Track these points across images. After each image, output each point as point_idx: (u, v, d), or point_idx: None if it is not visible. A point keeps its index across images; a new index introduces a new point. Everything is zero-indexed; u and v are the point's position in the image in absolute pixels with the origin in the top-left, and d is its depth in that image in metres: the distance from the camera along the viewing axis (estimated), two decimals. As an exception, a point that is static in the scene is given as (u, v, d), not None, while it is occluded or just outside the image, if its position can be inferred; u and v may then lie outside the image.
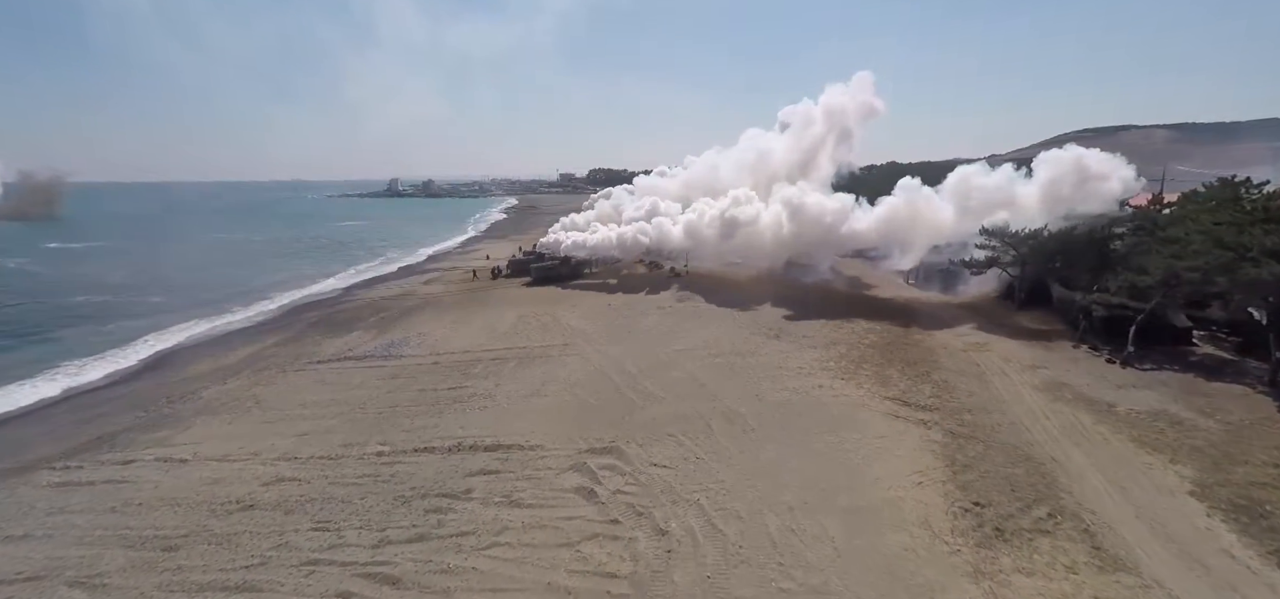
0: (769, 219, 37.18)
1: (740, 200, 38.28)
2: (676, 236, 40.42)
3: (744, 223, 37.25)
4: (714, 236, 38.48)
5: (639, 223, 41.88)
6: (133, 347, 30.20)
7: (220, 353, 28.46)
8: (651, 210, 43.40)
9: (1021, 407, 16.73)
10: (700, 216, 39.69)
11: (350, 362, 24.98)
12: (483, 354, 24.61)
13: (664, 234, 40.70)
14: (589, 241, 43.18)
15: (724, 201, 39.11)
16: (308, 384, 22.31)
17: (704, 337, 24.92)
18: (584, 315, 30.16)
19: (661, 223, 41.40)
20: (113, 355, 28.70)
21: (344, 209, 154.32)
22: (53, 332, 32.66)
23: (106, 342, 30.83)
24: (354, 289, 45.10)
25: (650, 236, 40.99)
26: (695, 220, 39.88)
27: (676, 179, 53.87)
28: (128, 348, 29.87)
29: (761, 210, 37.74)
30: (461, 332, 28.65)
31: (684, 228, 40.20)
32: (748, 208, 37.81)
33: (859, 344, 23.03)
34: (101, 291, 43.74)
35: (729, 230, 37.55)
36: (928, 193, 32.66)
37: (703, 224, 39.27)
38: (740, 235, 37.54)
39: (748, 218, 37.37)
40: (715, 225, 38.42)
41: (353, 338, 29.40)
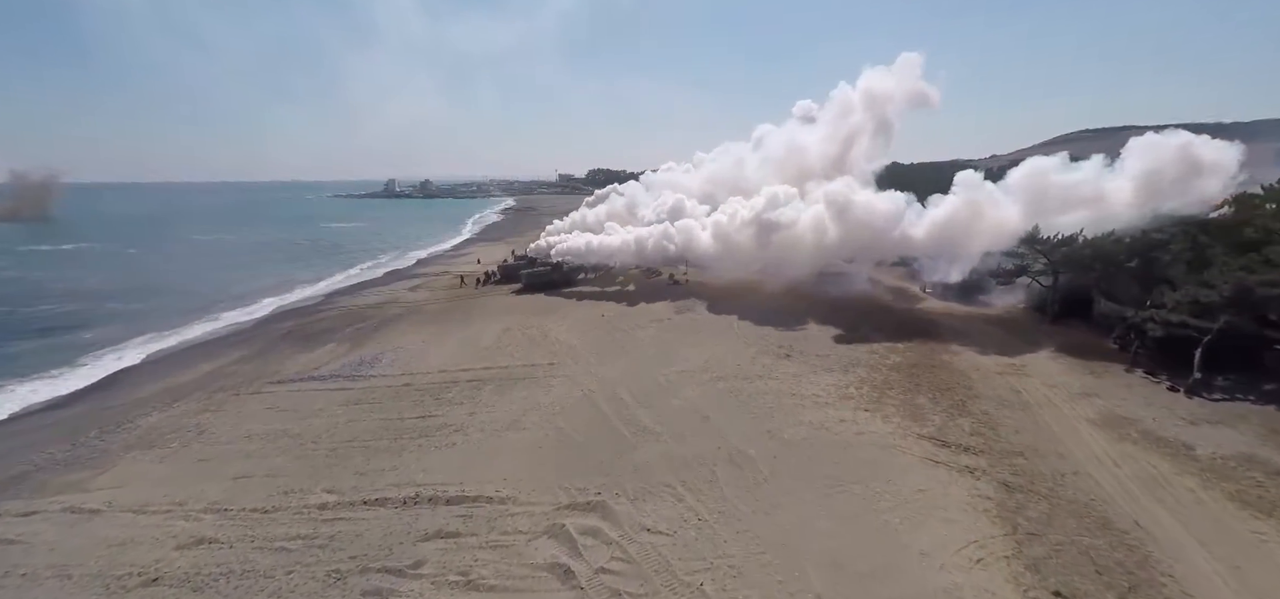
0: (809, 221, 32.00)
1: (779, 199, 33.08)
2: (705, 242, 35.35)
3: (784, 226, 32.13)
4: (747, 242, 33.55)
5: (662, 226, 37.13)
6: (90, 362, 27.74)
7: (178, 369, 26.00)
8: (676, 211, 38.37)
9: (1082, 448, 14.18)
10: (731, 219, 34.62)
11: (314, 382, 22.51)
12: (460, 375, 22.11)
13: (691, 239, 35.59)
14: (602, 246, 38.73)
15: (758, 201, 33.85)
16: (261, 411, 19.82)
17: (706, 355, 22.39)
18: (574, 328, 27.65)
19: (689, 227, 36.07)
20: (64, 374, 26.21)
21: (339, 210, 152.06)
22: (6, 345, 30.22)
23: (62, 357, 28.37)
24: (336, 296, 42.64)
25: (676, 243, 35.92)
26: (725, 223, 34.78)
27: (697, 175, 48.36)
28: (83, 364, 27.38)
29: (802, 211, 32.72)
30: (440, 347, 26.17)
31: (712, 231, 35.20)
32: (788, 209, 32.68)
33: (881, 365, 20.48)
34: (72, 299, 41.35)
35: (765, 234, 32.47)
36: (990, 190, 27.96)
37: (734, 228, 34.22)
38: (776, 240, 32.57)
39: (788, 220, 32.25)
40: (749, 229, 33.40)
41: (323, 353, 26.94)
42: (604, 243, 39.31)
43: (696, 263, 36.77)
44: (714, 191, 41.91)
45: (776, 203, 33.12)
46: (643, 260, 37.69)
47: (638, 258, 37.61)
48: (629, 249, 38.07)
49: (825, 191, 32.56)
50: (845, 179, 33.56)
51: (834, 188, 32.47)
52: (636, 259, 37.71)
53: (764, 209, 33.10)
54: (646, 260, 37.65)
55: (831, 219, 31.65)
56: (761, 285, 33.10)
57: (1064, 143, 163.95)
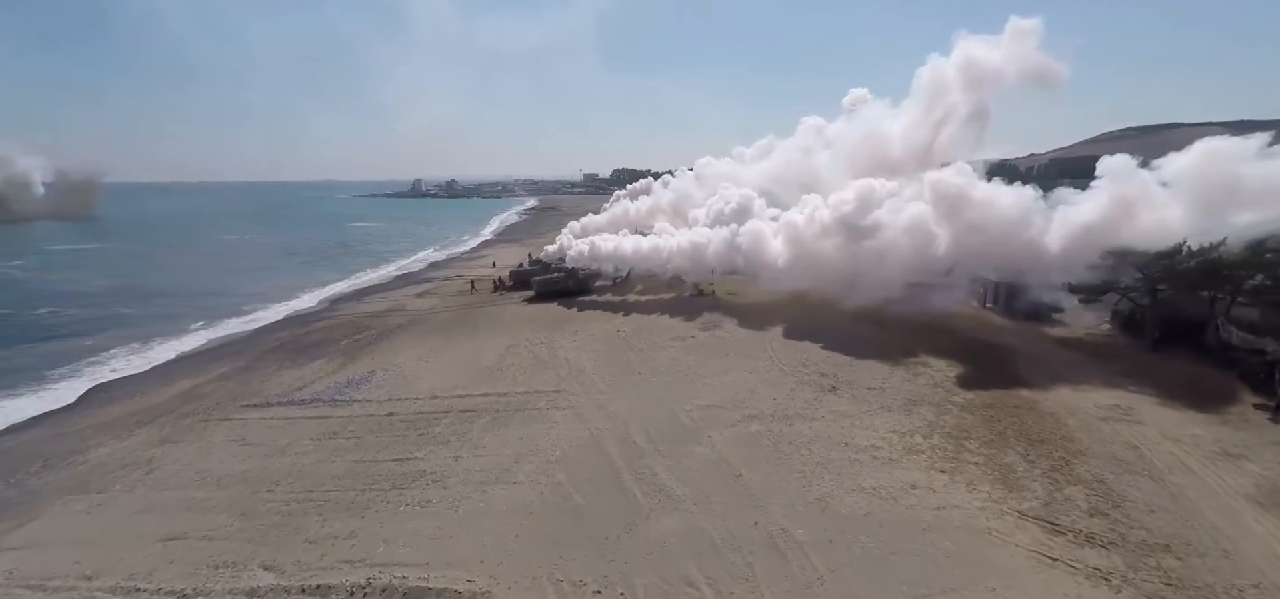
0: (907, 223, 26.25)
1: (874, 196, 27.30)
2: (777, 249, 29.97)
3: (881, 229, 26.56)
4: (829, 250, 28.01)
5: (728, 230, 31.42)
6: (69, 375, 25.79)
7: (155, 386, 23.82)
8: (742, 211, 32.63)
9: (1253, 544, 10.52)
10: (809, 220, 29.14)
11: (291, 408, 19.99)
12: (453, 402, 19.30)
13: (761, 245, 30.22)
14: (653, 250, 33.60)
15: (844, 198, 27.92)
16: (224, 444, 17.31)
17: (737, 384, 19.13)
18: (587, 345, 24.65)
19: (759, 231, 30.64)
20: (37, 391, 24.21)
21: (365, 210, 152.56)
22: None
23: (43, 368, 26.57)
24: (341, 302, 40.54)
25: (745, 250, 30.33)
26: (801, 226, 29.28)
27: (755, 169, 41.89)
28: (61, 380, 25.31)
29: (901, 211, 26.93)
30: (437, 365, 23.46)
31: (786, 236, 29.83)
32: (887, 208, 26.87)
33: (949, 403, 16.94)
34: (75, 303, 40.10)
35: (856, 238, 27.01)
36: (1144, 181, 22.21)
37: (812, 232, 28.72)
38: (865, 249, 26.95)
39: (885, 221, 26.52)
40: (832, 234, 27.86)
41: (312, 370, 24.52)
42: (654, 247, 33.98)
43: (748, 273, 31.31)
44: (771, 189, 36.44)
45: (870, 202, 27.27)
46: (698, 268, 32.54)
47: (692, 265, 32.55)
48: (682, 255, 32.83)
49: (931, 182, 26.28)
50: (958, 166, 26.86)
51: (943, 177, 26.10)
52: (691, 266, 32.71)
53: (854, 209, 27.31)
54: (701, 269, 32.49)
55: (939, 220, 25.57)
56: (805, 297, 29.12)
57: (1109, 141, 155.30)
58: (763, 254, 30.24)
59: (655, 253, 34.04)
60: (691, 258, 32.68)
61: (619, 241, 36.07)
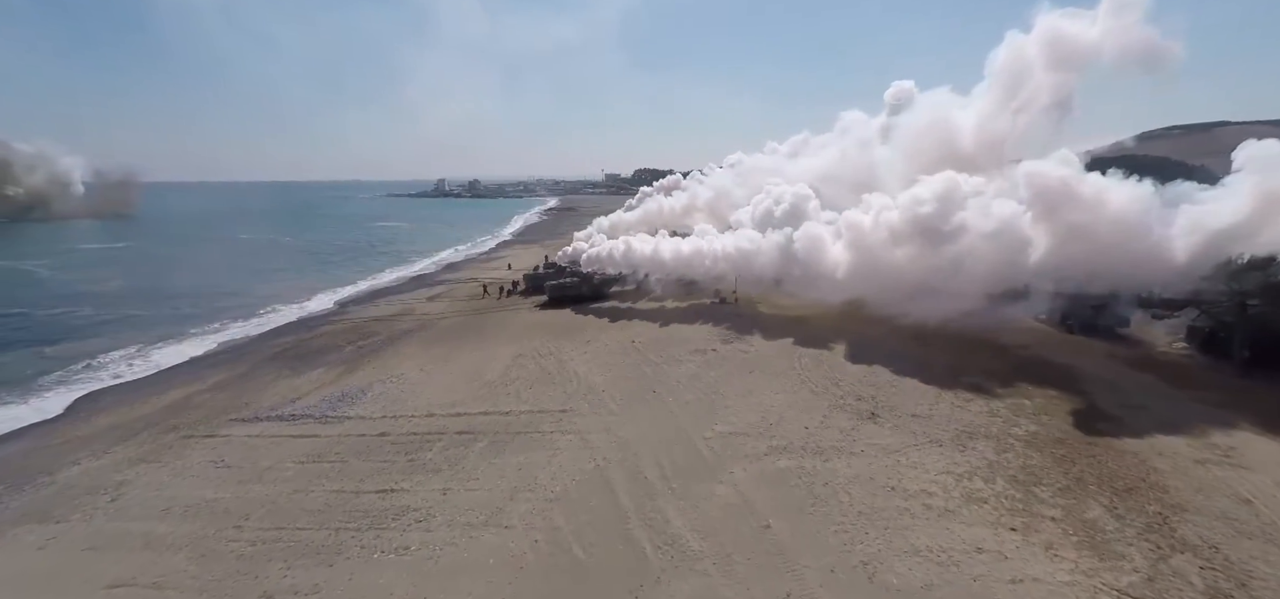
0: (996, 225, 22.56)
1: (957, 192, 23.48)
2: (837, 256, 26.34)
3: (965, 230, 22.89)
4: (904, 258, 24.35)
5: (781, 234, 27.80)
6: (65, 381, 24.95)
7: (145, 396, 22.75)
8: (796, 210, 29.28)
9: None
10: (875, 223, 25.47)
11: (280, 424, 18.61)
12: (450, 422, 17.68)
13: (819, 251, 26.74)
14: (693, 253, 30.45)
15: (918, 197, 24.15)
16: (201, 465, 15.94)
17: (762, 408, 17.11)
18: (598, 357, 22.85)
19: (816, 235, 27.08)
20: (37, 397, 23.30)
21: (388, 209, 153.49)
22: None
23: (43, 371, 25.87)
24: (350, 305, 39.49)
25: (801, 256, 26.84)
26: (866, 228, 25.65)
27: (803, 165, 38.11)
28: (52, 387, 24.39)
29: (989, 207, 23.27)
30: (438, 378, 21.92)
31: (847, 240, 26.23)
32: (966, 205, 23.11)
33: (1011, 437, 14.67)
34: (89, 304, 39.78)
35: (933, 243, 23.41)
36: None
37: (880, 236, 25.07)
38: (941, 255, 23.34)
39: (968, 222, 22.80)
40: (907, 237, 24.31)
41: (308, 380, 23.24)
42: (696, 251, 30.59)
43: (836, 283, 26.54)
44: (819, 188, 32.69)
45: (952, 201, 23.40)
46: (745, 276, 29.36)
47: (739, 272, 29.44)
48: (727, 261, 29.47)
49: (1028, 174, 22.53)
50: (1061, 154, 23.22)
51: (1041, 168, 22.36)
52: (737, 274, 29.61)
53: (934, 210, 23.45)
54: (749, 277, 29.19)
55: (1036, 220, 21.87)
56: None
57: (1152, 139, 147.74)
58: (819, 261, 26.67)
59: (697, 257, 30.69)
60: (738, 264, 29.40)
61: (656, 244, 32.68)
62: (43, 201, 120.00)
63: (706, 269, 30.40)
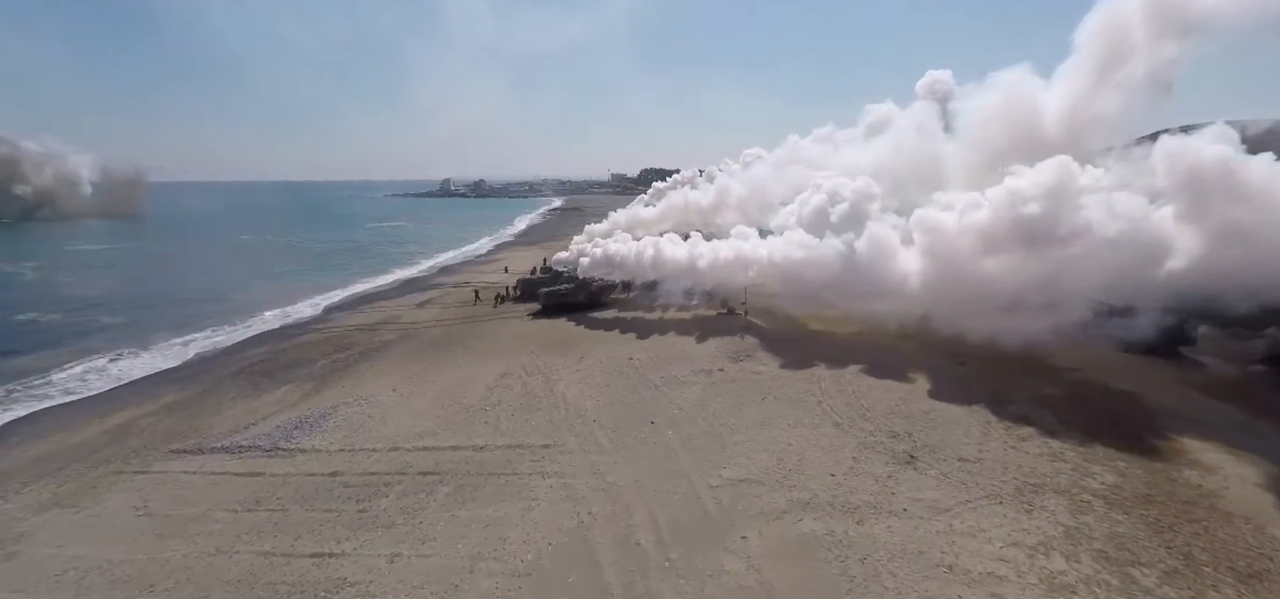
0: (1124, 224, 18.63)
1: (1071, 183, 19.35)
2: (908, 265, 22.51)
3: (1082, 232, 18.94)
4: (996, 268, 20.40)
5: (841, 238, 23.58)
6: (7, 400, 22.76)
7: (90, 417, 20.47)
8: (857, 210, 24.86)
9: None
10: (960, 224, 21.40)
11: (226, 456, 16.30)
12: (415, 457, 15.28)
13: (888, 257, 22.75)
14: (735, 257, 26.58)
15: (1017, 191, 20.22)
16: (119, 512, 13.63)
17: (779, 445, 14.57)
18: (591, 377, 20.37)
19: (884, 240, 22.97)
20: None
21: (391, 209, 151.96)
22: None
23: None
24: (336, 311, 37.21)
25: (865, 264, 22.71)
26: (950, 230, 21.62)
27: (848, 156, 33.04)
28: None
29: (1113, 203, 19.22)
30: (412, 400, 19.53)
31: (926, 245, 22.23)
32: (1079, 200, 19.26)
33: (1083, 491, 12.04)
34: (65, 309, 37.71)
35: (1038, 248, 19.55)
36: None
37: (967, 241, 21.11)
38: (1046, 261, 19.43)
39: (1086, 222, 18.90)
40: (1004, 240, 20.33)
41: (271, 399, 20.95)
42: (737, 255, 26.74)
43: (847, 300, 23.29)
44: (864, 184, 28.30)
45: (1067, 195, 19.12)
46: (796, 286, 24.79)
47: (788, 285, 25.29)
48: (774, 272, 25.36)
49: (1171, 155, 18.54)
50: (1216, 129, 18.90)
51: (1189, 148, 18.23)
52: (786, 287, 25.54)
53: (1045, 208, 19.33)
54: (800, 289, 24.66)
55: (1182, 218, 18.02)
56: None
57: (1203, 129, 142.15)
58: (887, 271, 22.63)
59: (739, 264, 26.54)
60: (788, 274, 25.04)
61: (692, 248, 28.50)
62: (51, 200, 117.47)
63: (748, 280, 26.51)
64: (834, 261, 23.53)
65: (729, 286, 27.43)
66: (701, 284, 27.85)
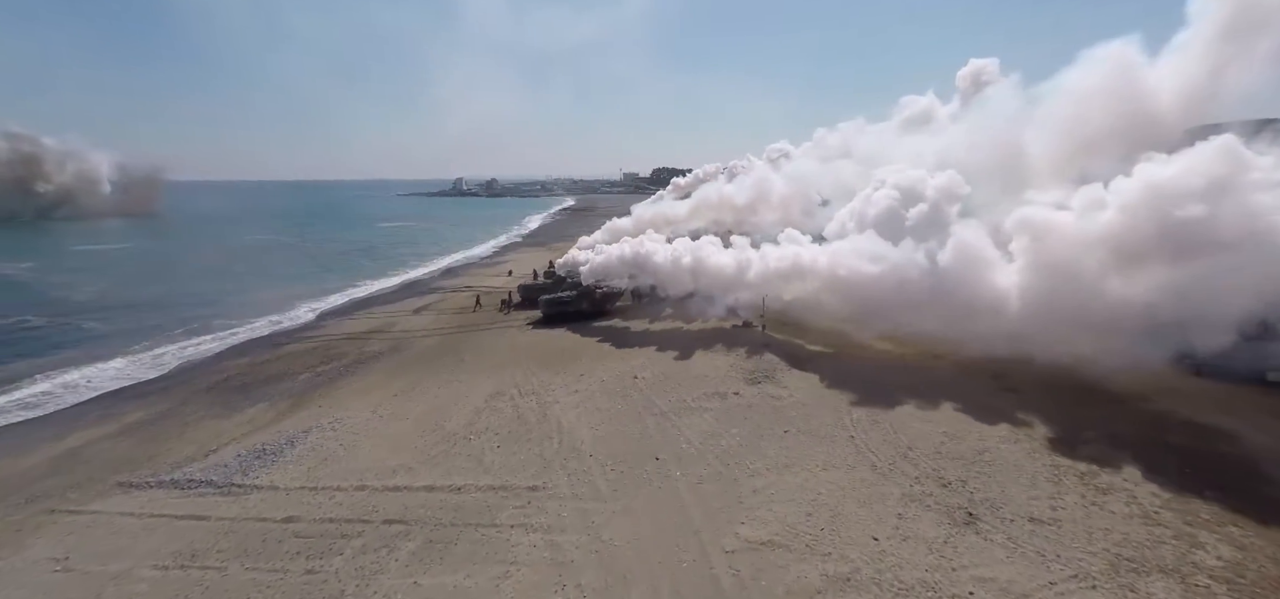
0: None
1: (1242, 172, 15.78)
2: (1005, 280, 18.93)
3: (1251, 234, 15.26)
4: (1128, 283, 16.95)
5: (922, 247, 20.33)
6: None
7: (42, 439, 18.64)
8: (938, 212, 21.60)
9: None
10: (1080, 229, 17.87)
11: (173, 493, 14.39)
12: (382, 500, 13.21)
13: (981, 270, 19.22)
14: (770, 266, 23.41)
15: (1166, 184, 16.42)
16: (36, 567, 11.74)
17: (806, 495, 12.26)
18: (590, 400, 18.18)
19: (975, 250, 19.41)
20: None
21: (401, 208, 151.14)
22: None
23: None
24: (330, 316, 35.45)
25: (951, 279, 19.17)
26: (1069, 234, 17.97)
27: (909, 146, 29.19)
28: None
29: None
30: (392, 424, 17.53)
31: (1033, 257, 18.42)
32: (1249, 195, 15.63)
33: (1194, 570, 9.63)
34: (50, 312, 36.24)
35: (1181, 253, 15.85)
36: None
37: (1100, 253, 17.38)
38: (1195, 273, 15.76)
39: (1265, 223, 15.21)
40: (1139, 250, 16.64)
41: (239, 421, 19.07)
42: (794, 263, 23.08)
43: (922, 321, 19.64)
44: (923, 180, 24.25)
45: (1233, 189, 15.49)
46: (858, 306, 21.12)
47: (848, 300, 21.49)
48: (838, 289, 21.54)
49: None
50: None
51: None
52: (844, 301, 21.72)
53: (1196, 200, 15.64)
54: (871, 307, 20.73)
55: None
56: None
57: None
58: (980, 287, 18.82)
59: (794, 272, 22.77)
60: (854, 291, 20.99)
61: (741, 256, 24.59)
62: (70, 198, 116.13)
63: (802, 294, 22.77)
64: (914, 276, 19.44)
65: (806, 303, 23.45)
66: (743, 296, 24.47)
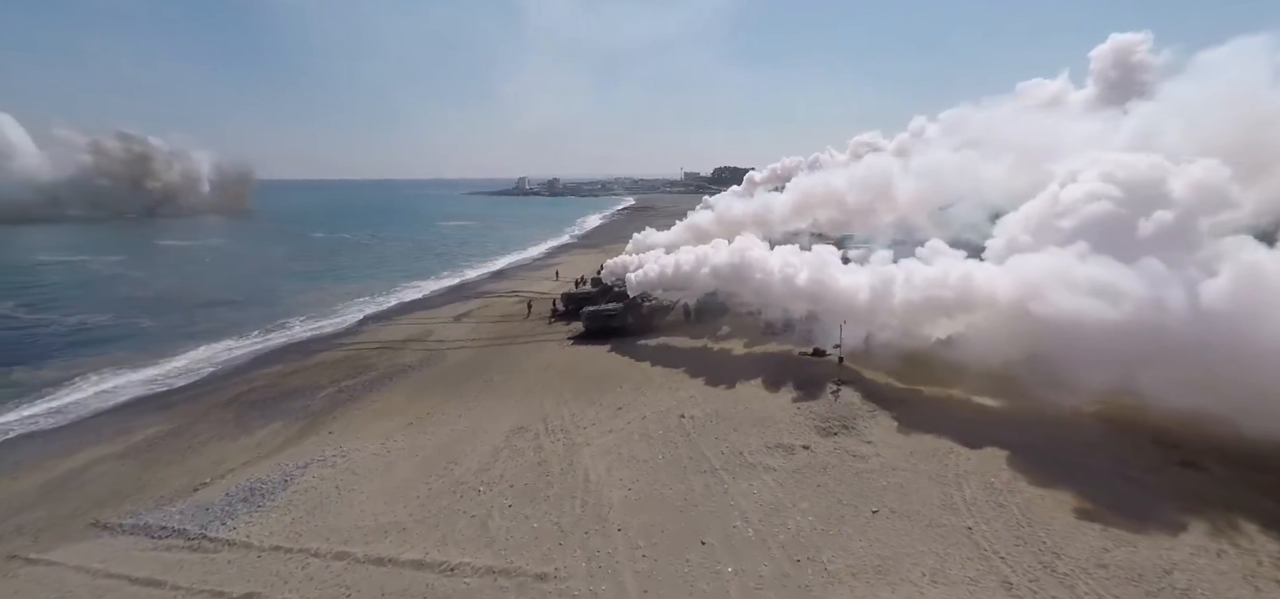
0: None
1: None
2: None
3: None
4: None
5: (1179, 275, 13.41)
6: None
7: (47, 455, 17.55)
8: (1188, 219, 14.51)
9: None
10: None
11: (142, 541, 12.62)
12: (363, 575, 10.79)
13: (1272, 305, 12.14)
14: (975, 288, 16.24)
15: None
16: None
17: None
18: (627, 445, 15.08)
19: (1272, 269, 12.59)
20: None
21: (463, 208, 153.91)
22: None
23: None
24: (371, 322, 34.24)
25: (1226, 326, 12.23)
26: None
27: (1084, 129, 22.18)
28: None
29: None
30: (397, 464, 15.19)
31: None
32: None
33: None
34: (116, 310, 36.92)
35: None
36: None
37: None
38: None
39: None
40: None
41: (247, 444, 17.51)
42: (962, 288, 16.36)
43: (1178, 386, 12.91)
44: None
45: None
46: (1067, 366, 14.45)
47: (1042, 351, 14.94)
48: (1014, 315, 15.22)
49: None
50: None
51: None
52: (1036, 353, 15.09)
53: None
54: (1089, 356, 14.09)
55: None
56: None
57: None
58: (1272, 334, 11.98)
59: (958, 303, 16.22)
60: (1054, 336, 14.40)
61: (874, 279, 18.11)
62: (173, 197, 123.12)
63: (970, 332, 16.07)
64: (1173, 314, 12.88)
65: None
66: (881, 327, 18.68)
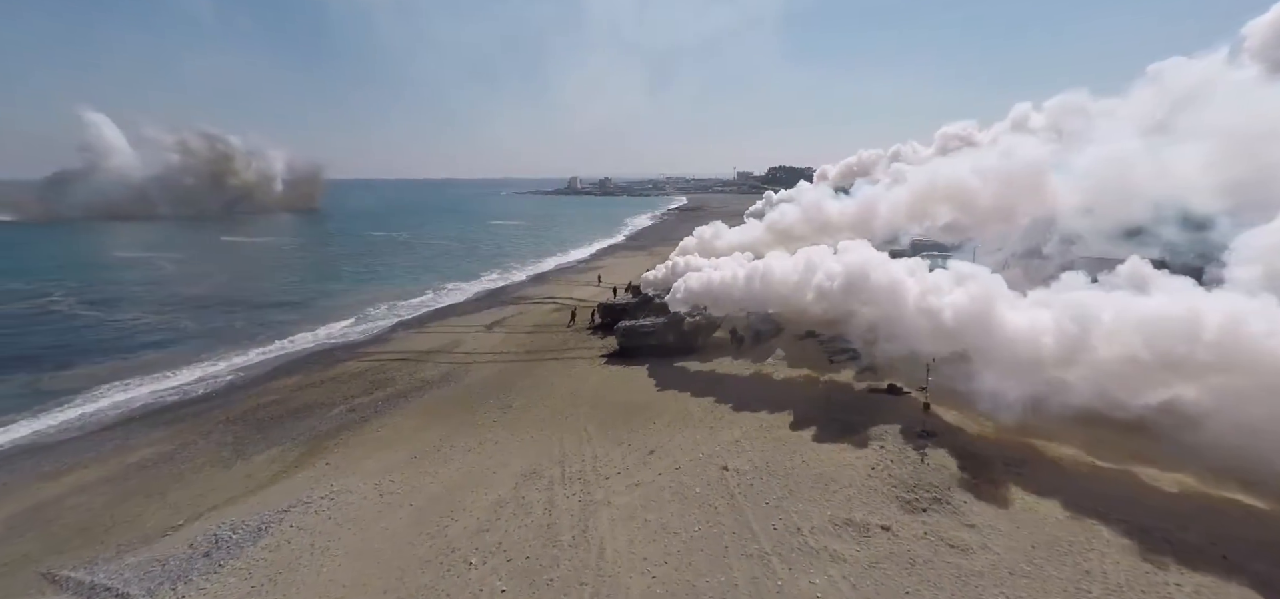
0: None
1: None
2: None
3: None
4: None
5: None
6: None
7: (36, 476, 16.44)
8: None
9: None
10: None
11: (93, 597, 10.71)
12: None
13: None
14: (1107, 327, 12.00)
15: None
16: None
17: None
18: (655, 502, 12.29)
19: None
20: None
21: (514, 207, 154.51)
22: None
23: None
24: (403, 327, 32.89)
25: None
26: None
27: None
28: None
29: None
30: (388, 512, 13.00)
31: None
32: None
33: None
34: (157, 311, 36.87)
35: None
36: None
37: None
38: None
39: None
40: None
41: (239, 473, 15.96)
42: (1161, 339, 11.26)
43: None
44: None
45: None
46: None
47: None
48: None
49: None
50: None
51: None
52: None
53: None
54: None
55: None
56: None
57: None
58: None
59: (1165, 358, 11.17)
60: None
61: (1063, 318, 12.78)
62: (249, 195, 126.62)
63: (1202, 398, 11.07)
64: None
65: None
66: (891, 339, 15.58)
